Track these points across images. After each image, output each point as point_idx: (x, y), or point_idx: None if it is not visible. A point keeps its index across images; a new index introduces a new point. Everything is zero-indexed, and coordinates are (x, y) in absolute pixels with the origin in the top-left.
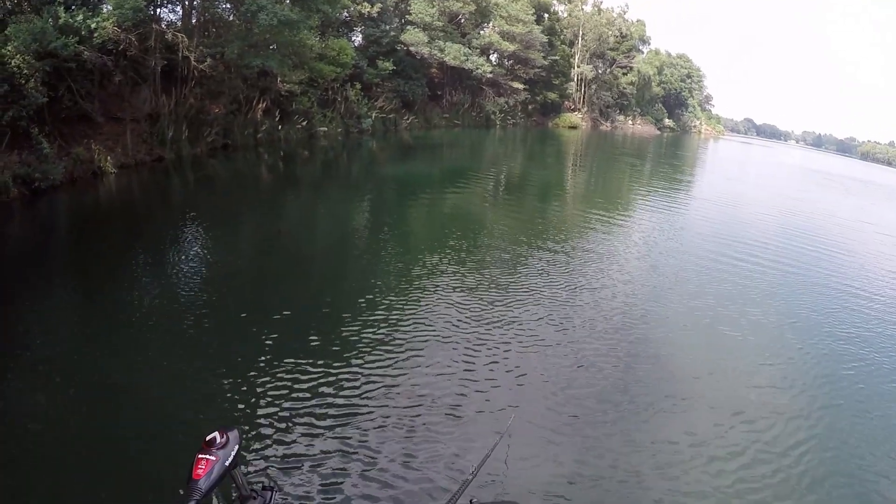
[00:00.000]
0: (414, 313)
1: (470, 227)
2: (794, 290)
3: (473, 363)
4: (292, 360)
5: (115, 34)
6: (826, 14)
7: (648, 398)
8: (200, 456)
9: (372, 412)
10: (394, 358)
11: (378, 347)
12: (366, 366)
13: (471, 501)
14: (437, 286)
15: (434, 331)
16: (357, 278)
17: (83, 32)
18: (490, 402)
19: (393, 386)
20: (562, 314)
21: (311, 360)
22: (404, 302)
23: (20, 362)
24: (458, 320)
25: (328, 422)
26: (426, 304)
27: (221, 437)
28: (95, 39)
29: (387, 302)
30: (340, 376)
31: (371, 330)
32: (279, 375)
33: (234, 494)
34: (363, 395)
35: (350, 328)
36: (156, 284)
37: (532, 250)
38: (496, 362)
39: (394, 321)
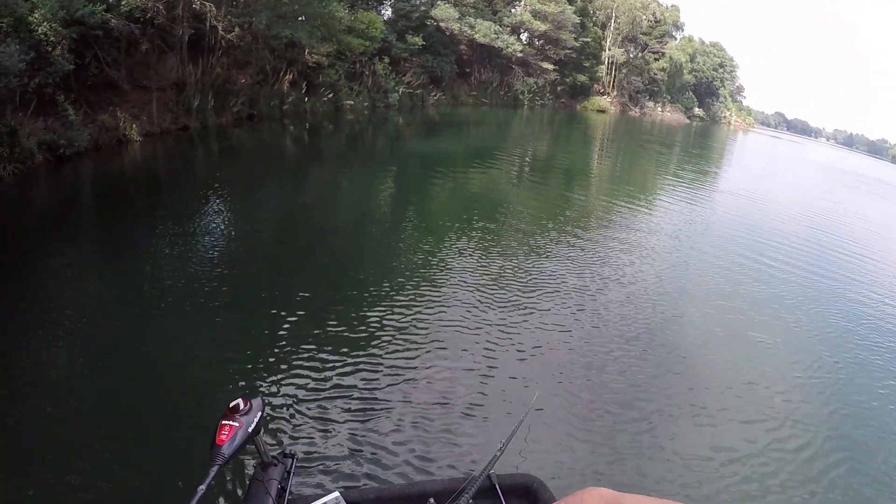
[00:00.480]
0: (437, 293)
1: (495, 208)
2: (829, 298)
3: (496, 347)
4: (316, 334)
5: (143, 2)
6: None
7: (673, 403)
8: (224, 422)
9: (394, 388)
10: (416, 336)
11: (401, 326)
12: (388, 344)
13: (489, 475)
14: (461, 267)
15: (456, 311)
16: (380, 256)
17: (111, 0)
18: (514, 382)
19: (415, 363)
20: (588, 305)
21: (334, 334)
22: (427, 281)
23: (42, 328)
24: (481, 303)
25: (351, 394)
26: (449, 284)
27: (245, 404)
28: (123, 7)
29: (410, 281)
30: (363, 352)
31: (394, 309)
32: (302, 349)
33: (256, 461)
34: (385, 371)
35: (373, 306)
36: (178, 254)
37: (557, 237)
38: (520, 347)
39: (417, 300)
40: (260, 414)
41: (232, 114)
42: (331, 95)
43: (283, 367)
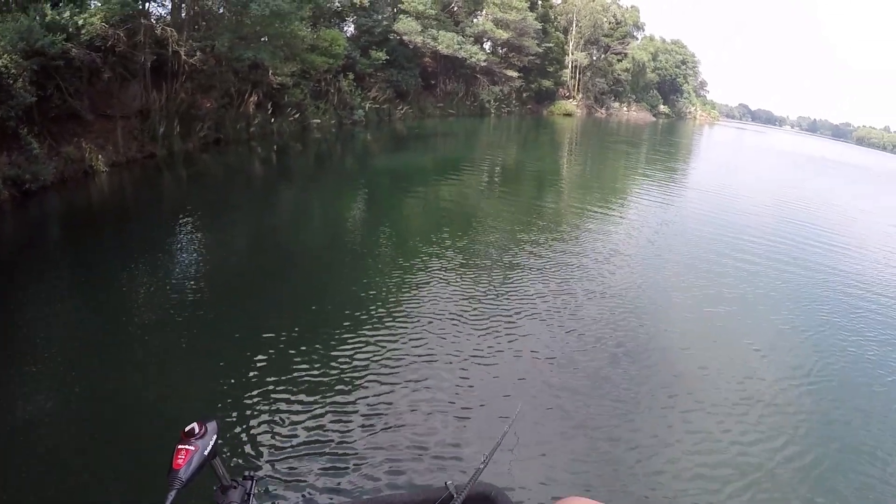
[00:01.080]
0: (410, 307)
1: (466, 222)
2: (811, 291)
3: (473, 363)
4: (283, 354)
5: (103, 30)
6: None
7: (655, 412)
8: (180, 446)
9: (360, 406)
10: (386, 356)
11: (371, 341)
12: (359, 359)
13: (445, 484)
14: (433, 284)
15: (429, 328)
16: (351, 272)
17: (70, 29)
18: (495, 392)
19: (383, 383)
20: (566, 317)
21: (299, 356)
22: (400, 296)
23: (10, 362)
24: (454, 318)
25: (315, 415)
26: (422, 299)
27: (200, 428)
28: (83, 36)
29: (382, 295)
30: (328, 374)
31: (362, 329)
32: (267, 370)
33: (216, 485)
34: (352, 390)
35: (340, 327)
36: (148, 283)
37: (531, 248)
38: (499, 362)
39: (387, 319)
40: (215, 437)
41: (198, 139)
42: (297, 115)
43: (245, 390)
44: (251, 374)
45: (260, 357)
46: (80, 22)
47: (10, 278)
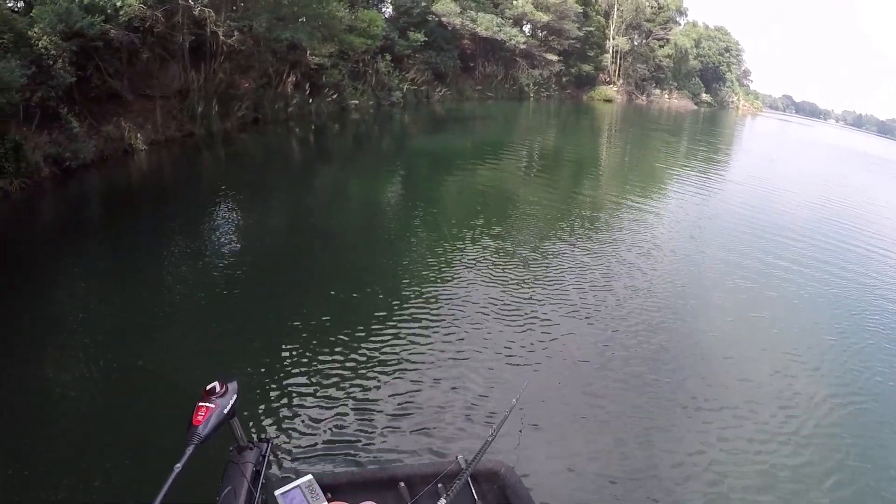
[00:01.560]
0: (439, 291)
1: (502, 205)
2: (850, 293)
3: (493, 338)
4: (309, 331)
5: (142, 11)
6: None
7: (680, 401)
8: (200, 404)
9: (379, 380)
10: (412, 332)
11: (397, 321)
12: (383, 339)
13: (456, 458)
14: (465, 265)
15: (458, 307)
16: (383, 255)
17: (109, 11)
18: (508, 372)
19: (404, 360)
20: (601, 302)
21: (327, 332)
22: (430, 280)
23: (47, 332)
24: (486, 299)
25: (334, 384)
26: (452, 283)
27: (221, 386)
28: (121, 17)
29: (412, 278)
30: (355, 346)
31: (393, 305)
32: (293, 343)
33: (233, 445)
34: (377, 364)
35: (372, 303)
36: (182, 260)
37: (567, 237)
38: (518, 337)
39: (418, 297)
40: (235, 397)
41: (237, 119)
42: (335, 96)
43: (270, 359)
44: (277, 345)
45: (287, 332)
46: (119, 3)
47: (51, 253)
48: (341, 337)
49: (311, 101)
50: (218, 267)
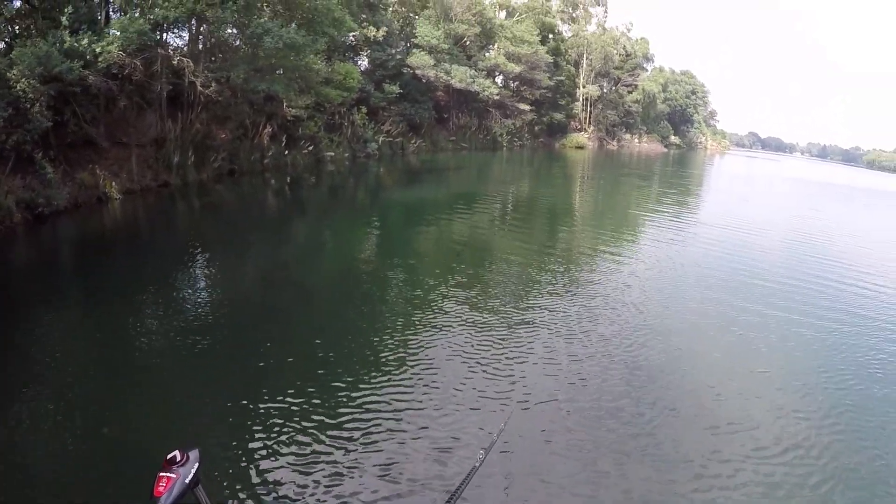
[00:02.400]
0: (417, 341)
1: (478, 254)
2: (835, 340)
3: (467, 388)
4: (280, 386)
5: (120, 58)
6: (819, 19)
7: (653, 435)
8: (161, 474)
9: (355, 437)
10: (383, 387)
11: (369, 376)
12: (355, 394)
13: None
14: (443, 314)
15: (438, 355)
16: (359, 307)
17: (88, 57)
18: (486, 406)
19: (377, 415)
20: (570, 344)
21: (299, 385)
22: (404, 330)
23: (6, 396)
24: (464, 347)
25: (309, 445)
26: (430, 332)
27: (181, 455)
28: (100, 64)
29: (385, 331)
30: (326, 402)
31: (369, 358)
32: (262, 400)
33: None
34: (347, 421)
35: (347, 357)
36: (154, 312)
37: (540, 280)
38: (495, 377)
39: (391, 349)
40: (198, 465)
41: (213, 169)
42: (311, 147)
43: (239, 419)
44: (245, 406)
45: (255, 391)
46: (98, 50)
47: (19, 300)
48: (312, 394)
49: (287, 152)
50: (187, 323)
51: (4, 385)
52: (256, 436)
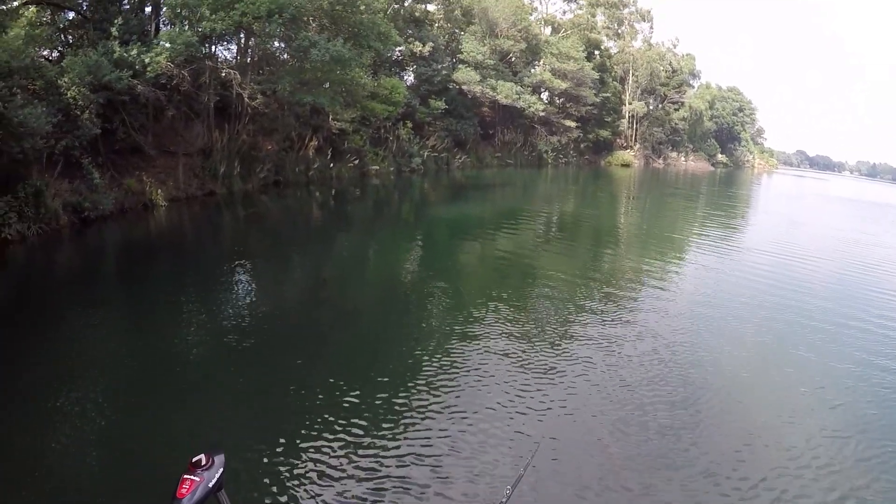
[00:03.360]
0: (452, 356)
1: (521, 273)
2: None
3: (504, 405)
4: (317, 395)
5: (169, 69)
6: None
7: (693, 466)
8: (185, 476)
9: (387, 450)
10: (418, 401)
11: (405, 390)
12: (387, 407)
13: None
14: (485, 336)
15: (476, 376)
16: (397, 323)
17: (137, 67)
18: (514, 439)
19: (411, 427)
20: (612, 365)
21: (336, 395)
22: (444, 345)
23: (43, 395)
24: (505, 371)
25: (341, 456)
26: (466, 349)
27: (207, 459)
28: (149, 74)
29: (425, 346)
30: (362, 418)
31: (406, 372)
32: (296, 409)
33: None
34: (379, 433)
35: (384, 372)
36: (193, 322)
37: (585, 302)
38: (533, 403)
39: (428, 365)
40: (222, 470)
41: (258, 180)
42: (356, 161)
43: (267, 428)
44: (276, 414)
45: (290, 400)
46: (147, 60)
47: (60, 302)
48: (341, 411)
49: (332, 165)
50: (225, 331)
51: (42, 384)
52: (283, 446)
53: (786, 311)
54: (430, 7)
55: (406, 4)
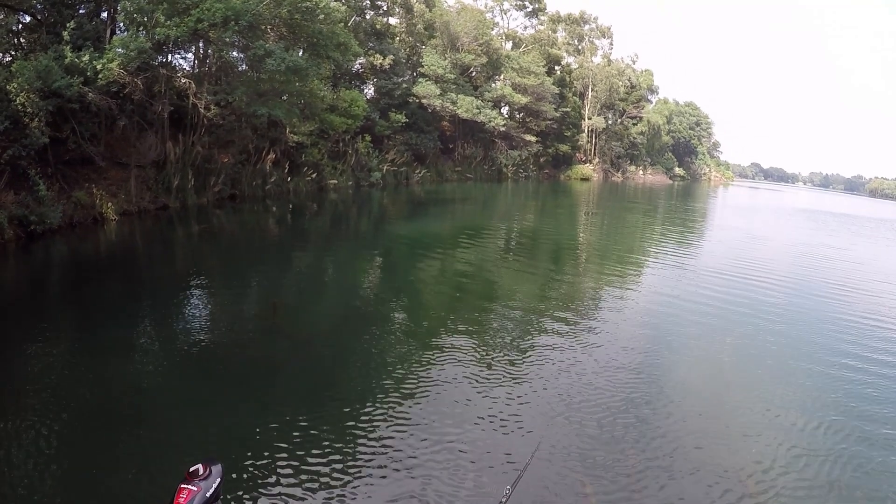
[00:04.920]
0: (416, 372)
1: (481, 291)
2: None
3: (485, 429)
4: (287, 417)
5: (121, 76)
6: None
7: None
8: (182, 486)
9: (375, 460)
10: (398, 420)
11: (378, 402)
12: (368, 416)
13: None
14: (446, 357)
15: (442, 396)
16: (359, 342)
17: (89, 73)
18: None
19: (394, 441)
20: (575, 379)
21: (307, 419)
22: (408, 360)
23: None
24: (466, 390)
25: (319, 467)
26: (433, 370)
27: (204, 469)
28: (100, 81)
29: (388, 359)
30: (337, 431)
31: (371, 391)
32: (277, 424)
33: None
34: (364, 443)
35: (349, 390)
36: (145, 341)
37: (546, 317)
38: (513, 422)
39: (396, 378)
40: (219, 480)
41: (213, 193)
42: (314, 175)
43: (253, 437)
44: (256, 424)
45: (251, 419)
46: (99, 66)
47: (5, 324)
48: (325, 418)
49: (289, 179)
50: (177, 351)
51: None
52: (262, 456)
53: (743, 328)
54: (392, 20)
55: (367, 17)
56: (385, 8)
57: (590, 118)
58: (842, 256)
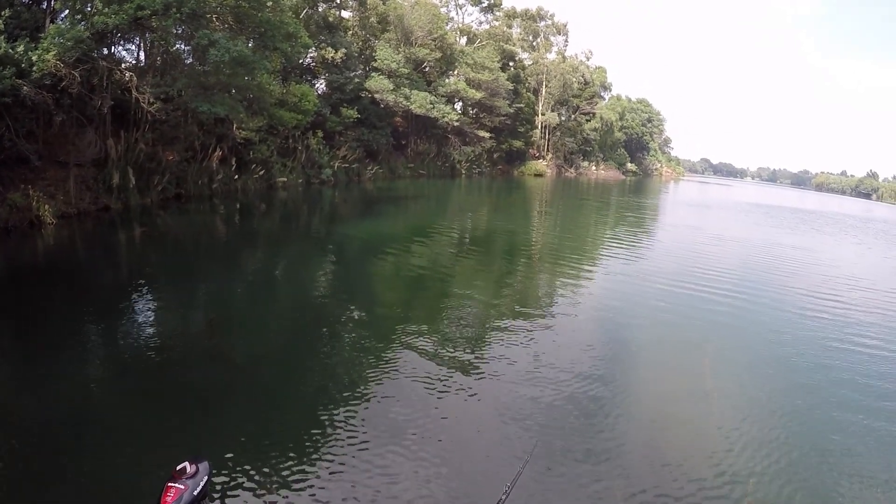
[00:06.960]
0: (377, 377)
1: (436, 290)
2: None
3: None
4: (250, 423)
5: (58, 68)
6: (769, 45)
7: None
8: (170, 484)
9: (361, 457)
10: (368, 421)
11: (350, 410)
12: (338, 426)
13: None
14: (403, 354)
15: (398, 395)
16: (311, 344)
17: (23, 65)
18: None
19: (367, 451)
20: (535, 374)
21: (267, 420)
22: (368, 362)
23: None
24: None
25: (315, 463)
26: (390, 370)
27: (191, 467)
28: (34, 73)
29: (347, 360)
30: (301, 435)
31: (328, 391)
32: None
33: None
34: (347, 441)
35: (306, 393)
36: (85, 353)
37: (500, 312)
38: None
39: (356, 381)
40: (207, 478)
41: (157, 193)
42: (262, 172)
43: (235, 434)
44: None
45: (209, 430)
46: (34, 58)
47: None
48: (336, 419)
49: (237, 177)
50: (121, 363)
51: None
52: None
53: (697, 307)
54: (345, 13)
55: (320, 9)
56: (338, 0)
57: (543, 114)
58: (798, 255)
